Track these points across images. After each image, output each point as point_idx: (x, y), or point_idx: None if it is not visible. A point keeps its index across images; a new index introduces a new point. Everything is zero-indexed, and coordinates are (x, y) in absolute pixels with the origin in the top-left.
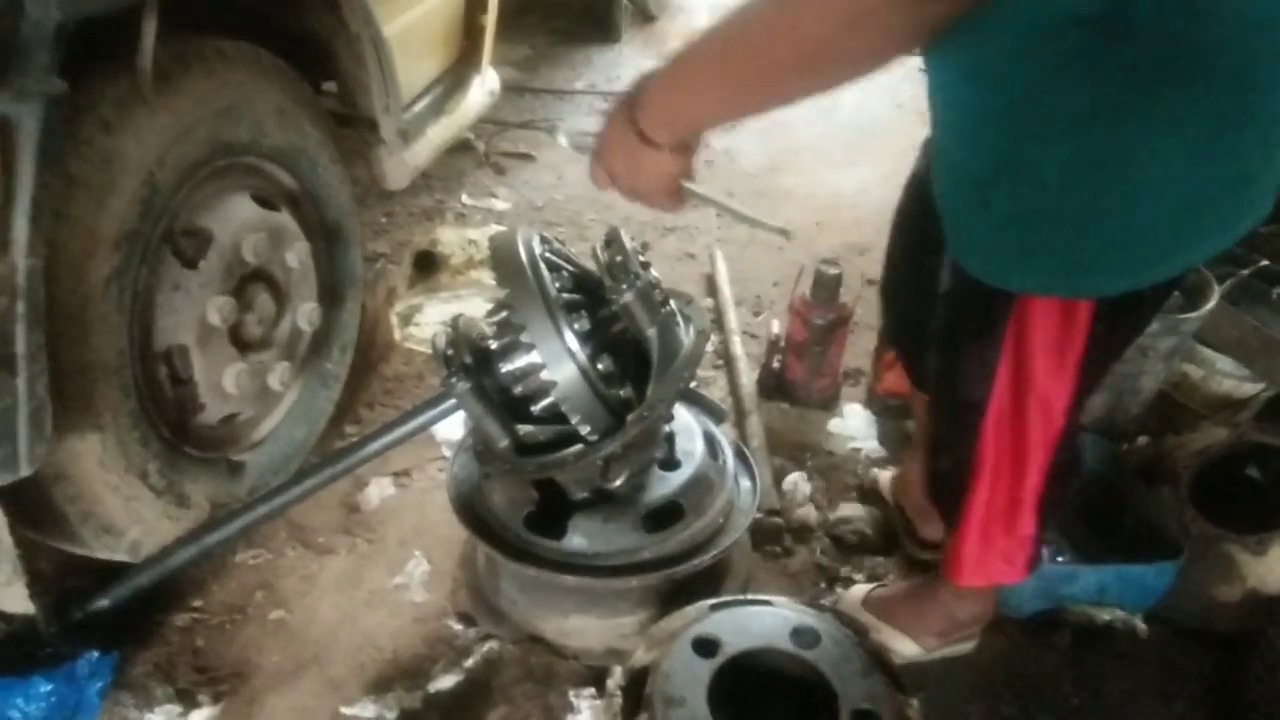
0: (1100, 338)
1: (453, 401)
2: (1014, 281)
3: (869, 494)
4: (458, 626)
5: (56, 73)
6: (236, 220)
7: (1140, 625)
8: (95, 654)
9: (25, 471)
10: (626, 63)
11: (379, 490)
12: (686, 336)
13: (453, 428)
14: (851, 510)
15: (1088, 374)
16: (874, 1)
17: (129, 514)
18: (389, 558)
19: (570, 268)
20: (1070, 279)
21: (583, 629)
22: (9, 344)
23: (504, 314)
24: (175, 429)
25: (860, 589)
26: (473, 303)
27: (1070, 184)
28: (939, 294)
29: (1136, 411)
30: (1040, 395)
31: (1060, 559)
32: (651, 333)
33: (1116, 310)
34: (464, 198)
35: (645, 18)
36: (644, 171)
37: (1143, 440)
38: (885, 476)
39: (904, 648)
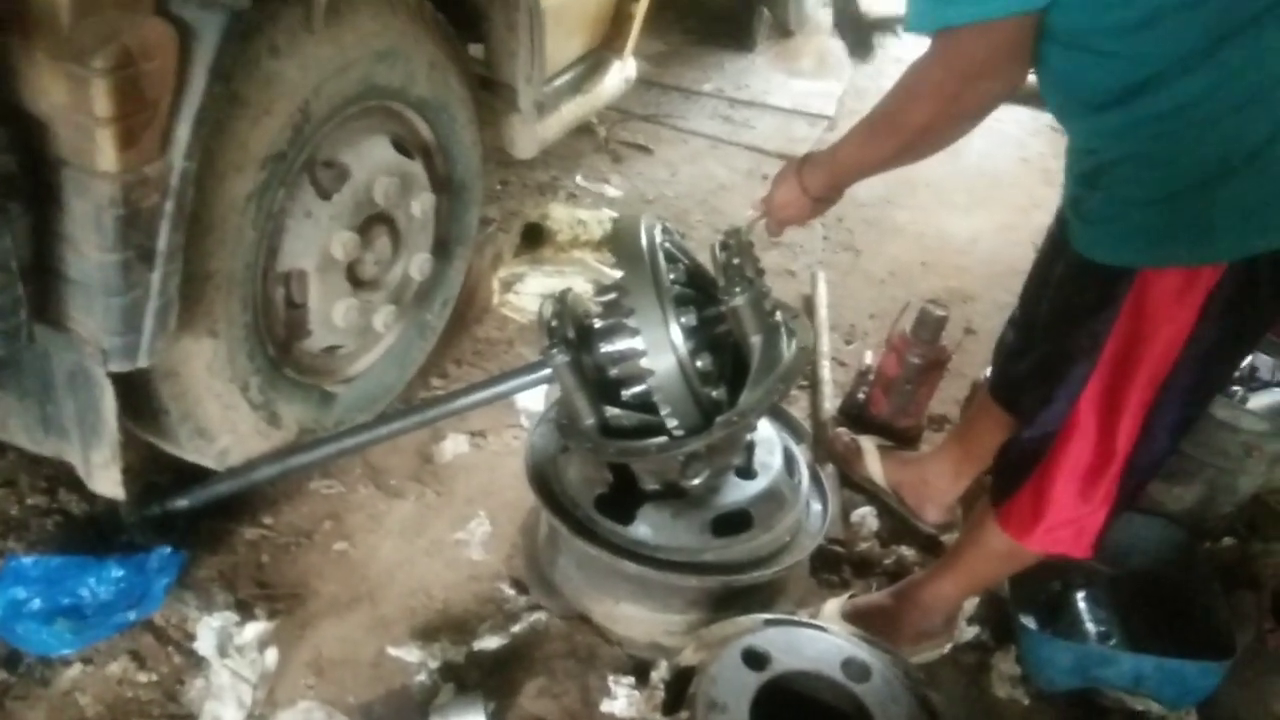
0: (1218, 310)
1: (547, 371)
2: (1139, 258)
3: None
4: (510, 591)
5: None
6: (373, 161)
7: None
8: (167, 550)
9: (143, 362)
10: (757, 73)
11: (454, 446)
12: (788, 350)
13: (534, 398)
14: (907, 551)
15: (1195, 347)
16: (953, 105)
17: (224, 422)
18: (454, 512)
19: (686, 261)
20: (1192, 248)
21: (631, 618)
22: (152, 239)
23: (614, 295)
24: (281, 350)
25: (837, 600)
26: (574, 280)
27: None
28: (1047, 286)
29: (1228, 510)
30: (1146, 364)
31: (1110, 642)
32: (756, 340)
33: (1235, 284)
34: (578, 179)
35: (783, 32)
36: (792, 207)
37: (1228, 541)
38: (874, 462)
39: None
